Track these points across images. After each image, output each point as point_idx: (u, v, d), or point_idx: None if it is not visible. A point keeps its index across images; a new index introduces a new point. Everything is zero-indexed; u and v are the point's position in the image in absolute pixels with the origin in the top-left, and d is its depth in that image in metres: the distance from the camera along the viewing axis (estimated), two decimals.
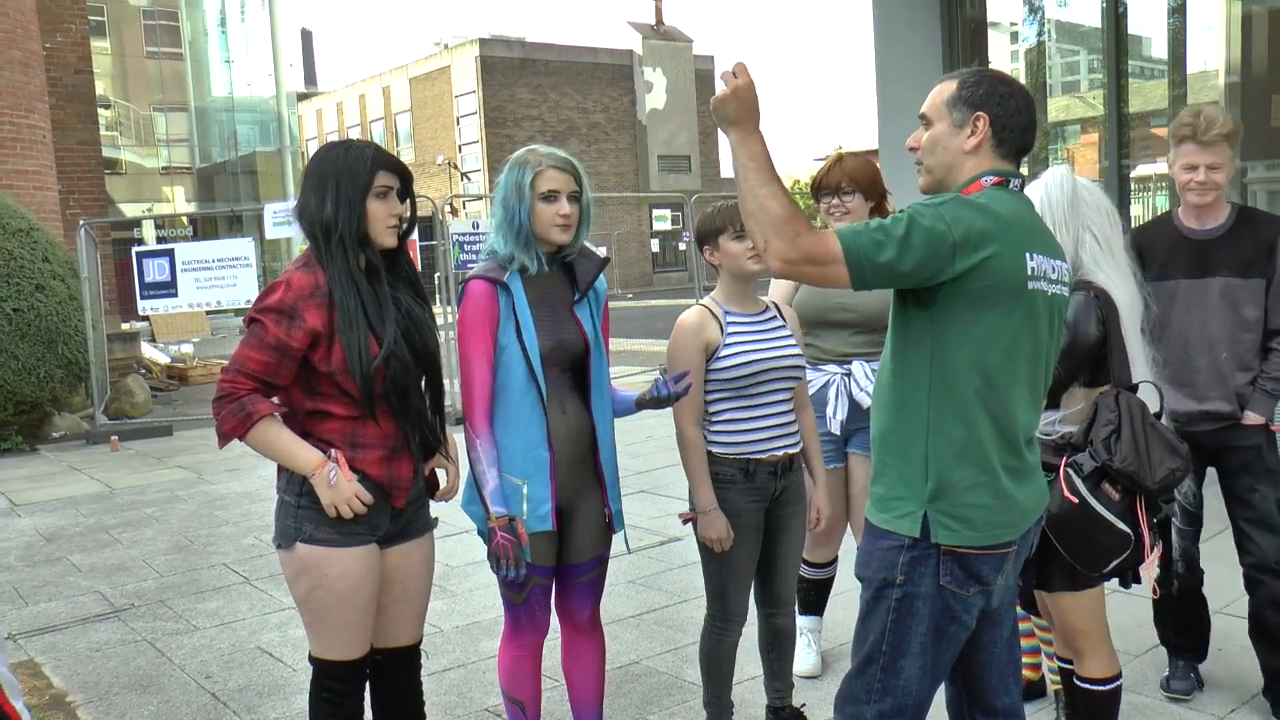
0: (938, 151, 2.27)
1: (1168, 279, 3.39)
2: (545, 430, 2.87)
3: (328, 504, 2.55)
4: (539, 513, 2.87)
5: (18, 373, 9.93)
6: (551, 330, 2.87)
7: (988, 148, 2.22)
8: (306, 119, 47.89)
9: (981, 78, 2.25)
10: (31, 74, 12.14)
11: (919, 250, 2.04)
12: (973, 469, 2.17)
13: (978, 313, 2.12)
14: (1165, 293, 3.37)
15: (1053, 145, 9.10)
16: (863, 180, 3.65)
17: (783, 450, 3.11)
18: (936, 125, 2.27)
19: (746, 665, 3.65)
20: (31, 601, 5.44)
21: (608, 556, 3.13)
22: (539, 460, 2.86)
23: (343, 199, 2.57)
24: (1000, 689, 2.43)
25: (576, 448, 2.95)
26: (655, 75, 43.02)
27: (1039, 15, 8.62)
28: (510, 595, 2.99)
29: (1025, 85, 2.32)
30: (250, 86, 38.00)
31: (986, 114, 2.21)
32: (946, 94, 2.26)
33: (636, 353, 15.62)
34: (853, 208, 3.64)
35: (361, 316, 2.56)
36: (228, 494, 7.84)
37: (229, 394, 2.52)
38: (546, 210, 2.82)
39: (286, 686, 4.14)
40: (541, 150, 2.89)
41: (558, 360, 2.90)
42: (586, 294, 2.96)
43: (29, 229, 10.45)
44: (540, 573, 2.95)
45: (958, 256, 2.06)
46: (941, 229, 2.05)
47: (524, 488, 2.85)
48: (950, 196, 2.16)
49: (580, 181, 2.89)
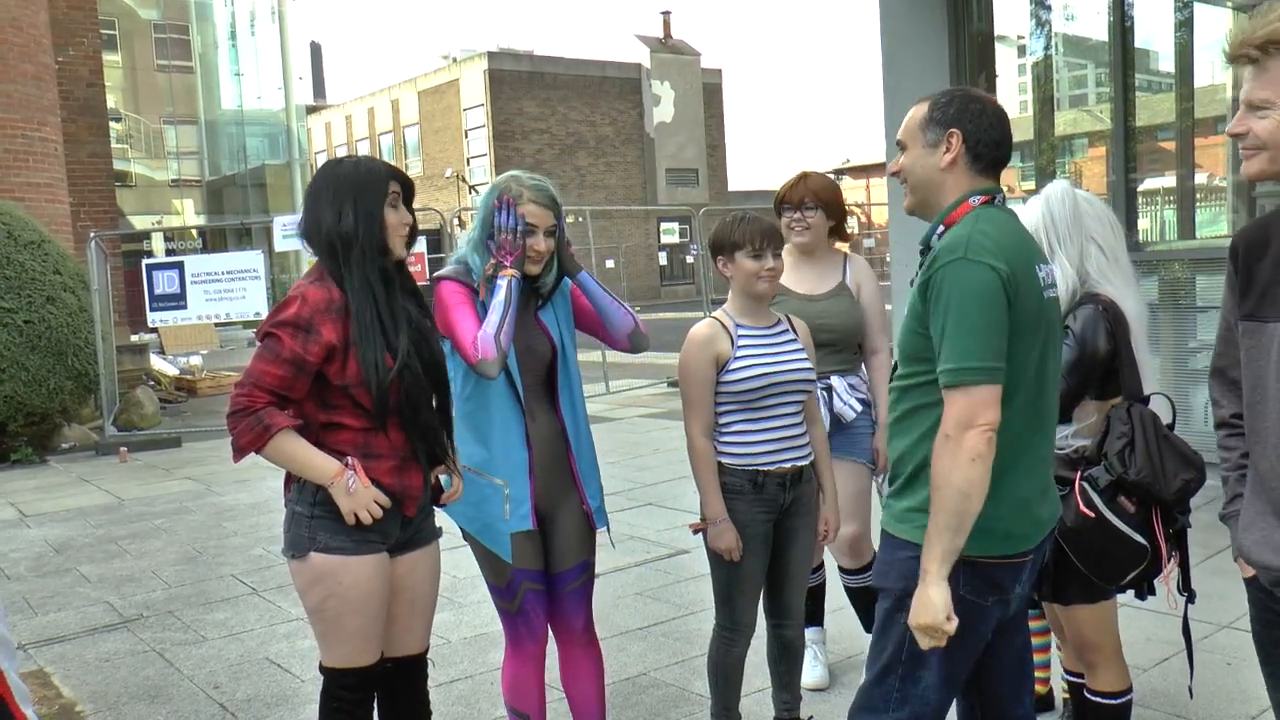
0: (917, 172, 2.30)
1: (1267, 318, 1.95)
2: (524, 432, 2.94)
3: (347, 511, 2.56)
4: (520, 512, 2.94)
5: (28, 384, 9.97)
6: (519, 338, 2.94)
7: (963, 164, 2.25)
8: (315, 132, 48.05)
9: (952, 97, 2.29)
10: (44, 87, 12.22)
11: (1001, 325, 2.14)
12: (999, 485, 2.16)
13: (1014, 339, 2.14)
14: (1261, 341, 1.96)
15: (1060, 159, 9.11)
16: (826, 198, 3.74)
17: (791, 462, 3.12)
18: (912, 149, 2.31)
19: (754, 678, 3.65)
20: (41, 612, 5.45)
21: (593, 563, 3.17)
22: (518, 461, 2.94)
23: (361, 211, 2.60)
24: (1014, 699, 2.44)
25: (549, 453, 3.01)
26: (663, 88, 43.12)
27: (1046, 29, 8.64)
28: (504, 605, 3.03)
29: (997, 101, 2.36)
30: (260, 100, 38.20)
31: (959, 130, 2.24)
32: (919, 116, 2.30)
33: (644, 365, 15.62)
34: (814, 223, 3.72)
35: (377, 329, 2.58)
36: (236, 505, 7.85)
37: (245, 408, 2.52)
38: (526, 241, 2.90)
39: (295, 697, 4.15)
40: (526, 180, 2.95)
41: (528, 367, 2.97)
42: (550, 298, 3.03)
43: (40, 241, 10.51)
44: (529, 577, 2.99)
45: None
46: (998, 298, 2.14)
47: (506, 488, 2.93)
48: (958, 257, 2.15)
49: (559, 216, 2.96)
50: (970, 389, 2.07)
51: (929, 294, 2.15)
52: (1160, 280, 6.90)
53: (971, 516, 2.08)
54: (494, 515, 2.95)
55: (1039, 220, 2.84)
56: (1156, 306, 6.79)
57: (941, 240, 2.22)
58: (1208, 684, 3.72)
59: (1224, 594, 3.67)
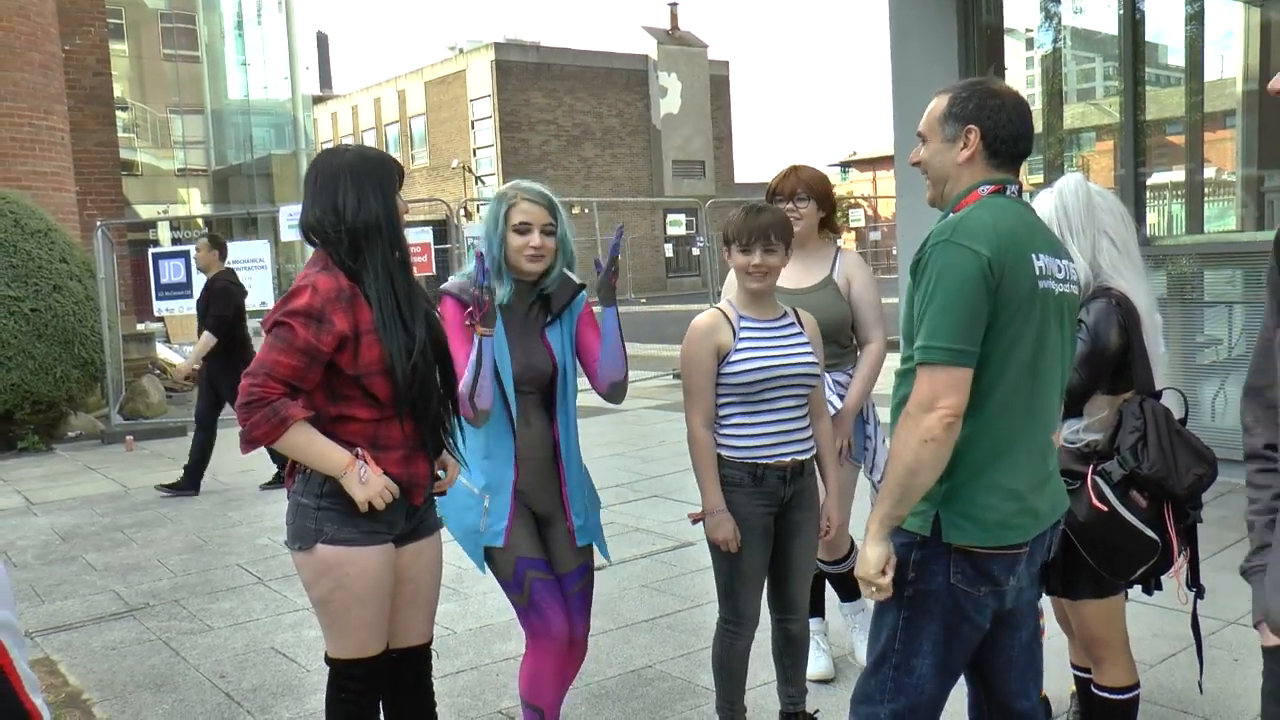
0: (935, 165, 2.32)
1: None
2: (513, 451, 3.00)
3: (361, 500, 2.55)
4: (495, 529, 3.00)
5: (34, 372, 10.00)
6: (521, 353, 2.99)
7: (980, 159, 2.27)
8: (322, 122, 48.04)
9: (972, 91, 2.28)
10: (51, 76, 12.22)
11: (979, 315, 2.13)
12: (989, 474, 2.20)
13: (1000, 324, 2.15)
14: None
15: (1068, 152, 9.08)
16: (817, 189, 3.77)
17: (791, 456, 3.10)
18: (931, 141, 2.33)
19: (760, 671, 3.64)
20: (48, 600, 5.47)
21: (592, 567, 3.22)
22: (504, 479, 3.00)
23: (380, 197, 2.60)
24: (1020, 692, 2.43)
25: (538, 455, 3.06)
26: (670, 80, 43.05)
27: (1055, 22, 8.60)
28: (515, 599, 3.06)
29: (1018, 92, 2.35)
30: (266, 89, 38.17)
31: (977, 127, 2.25)
32: (939, 110, 2.31)
33: (649, 358, 15.63)
34: (806, 213, 3.72)
35: (397, 316, 2.58)
36: (241, 495, 7.87)
37: (260, 398, 2.48)
38: (517, 241, 2.96)
39: (300, 687, 4.15)
40: (522, 185, 3.04)
41: (528, 381, 3.02)
42: (559, 317, 3.07)
43: (47, 230, 10.52)
44: (533, 565, 3.02)
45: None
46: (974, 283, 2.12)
47: (486, 501, 2.99)
48: (944, 239, 2.17)
49: (556, 215, 2.99)
50: (934, 369, 2.10)
51: (917, 274, 2.19)
52: (1168, 275, 6.88)
53: (917, 491, 2.15)
54: (472, 524, 3.02)
55: (1052, 213, 2.82)
56: (1164, 301, 6.76)
57: (936, 224, 2.24)
58: (1215, 680, 3.71)
59: (1232, 590, 3.65)
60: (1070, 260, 2.36)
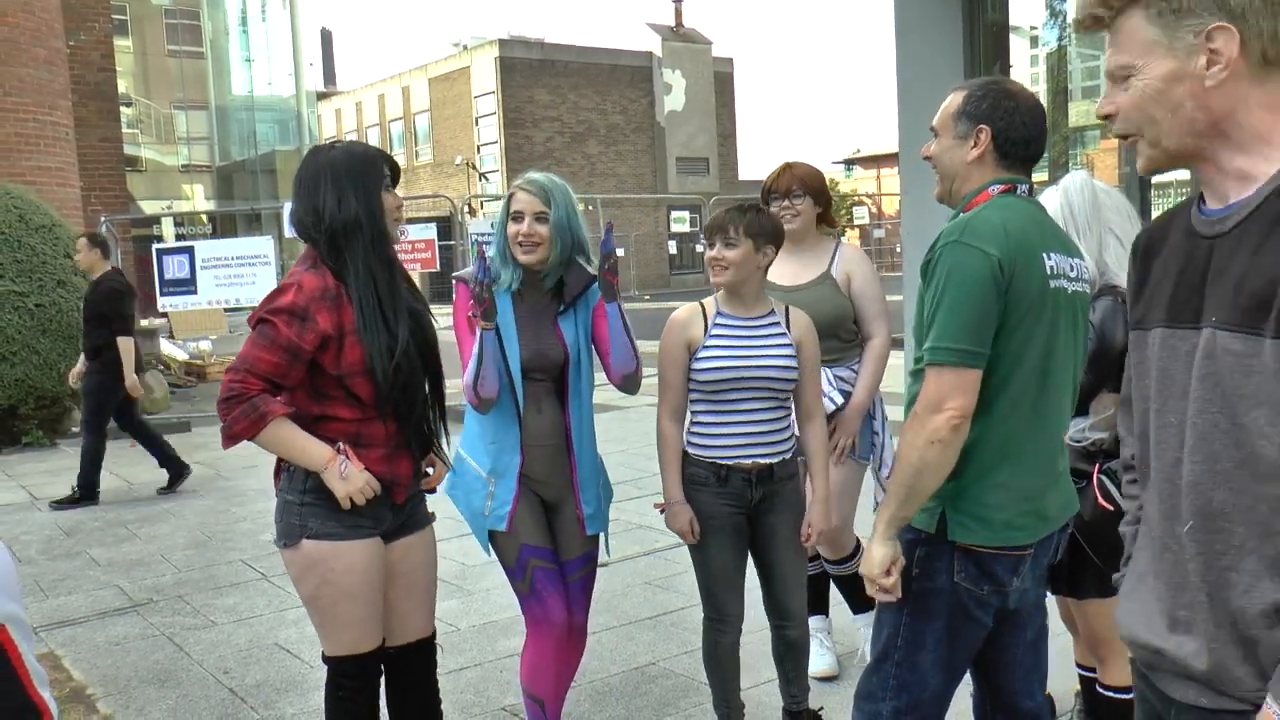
0: (945, 161, 2.32)
1: (1148, 324, 1.61)
2: (519, 437, 3.01)
3: (342, 496, 2.56)
4: (499, 513, 3.02)
5: (38, 367, 10.00)
6: (531, 340, 3.00)
7: (990, 159, 2.27)
8: (326, 118, 48.03)
9: (987, 91, 2.28)
10: (55, 72, 12.23)
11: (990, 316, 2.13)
12: (997, 474, 2.19)
13: (1010, 325, 2.15)
14: (1146, 355, 1.64)
15: (1073, 150, 9.06)
16: (812, 185, 3.76)
17: (756, 459, 3.05)
18: (943, 137, 2.32)
19: (764, 668, 3.64)
20: (52, 595, 5.48)
21: (596, 555, 3.23)
22: (509, 464, 3.01)
23: (362, 197, 2.60)
24: (1024, 692, 2.44)
25: (549, 443, 3.07)
26: (674, 77, 42.98)
27: (1060, 19, 8.58)
28: (517, 586, 3.08)
29: (1034, 95, 2.34)
30: (270, 85, 38.20)
31: (989, 127, 2.25)
32: (953, 106, 2.31)
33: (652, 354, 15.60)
34: (802, 209, 3.72)
35: (378, 316, 2.57)
36: (244, 490, 7.87)
37: (239, 394, 2.50)
38: (511, 229, 3.00)
39: (304, 683, 4.15)
40: (526, 175, 3.07)
41: (538, 368, 3.02)
42: (572, 305, 3.07)
43: (51, 225, 10.53)
44: (537, 554, 3.03)
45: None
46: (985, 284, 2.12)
47: (491, 485, 3.01)
48: (953, 240, 2.16)
49: (550, 203, 2.98)
50: (942, 369, 2.10)
51: (927, 274, 2.19)
52: None
53: (924, 491, 2.14)
54: (479, 506, 3.04)
55: (1057, 211, 2.82)
56: None
57: (946, 224, 2.24)
58: None
59: None
60: (1083, 259, 2.35)
